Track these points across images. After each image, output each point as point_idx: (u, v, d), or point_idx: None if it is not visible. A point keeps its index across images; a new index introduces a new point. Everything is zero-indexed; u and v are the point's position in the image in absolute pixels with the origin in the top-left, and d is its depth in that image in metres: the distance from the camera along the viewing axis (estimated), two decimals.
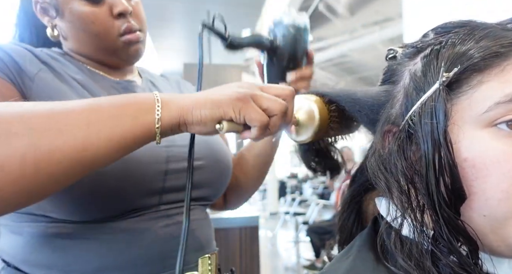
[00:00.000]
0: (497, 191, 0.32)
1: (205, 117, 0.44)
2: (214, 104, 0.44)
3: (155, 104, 0.43)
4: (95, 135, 0.40)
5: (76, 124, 0.39)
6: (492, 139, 0.33)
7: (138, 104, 0.43)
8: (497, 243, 0.34)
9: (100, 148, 0.40)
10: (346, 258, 0.41)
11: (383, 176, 0.38)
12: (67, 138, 0.38)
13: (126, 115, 0.42)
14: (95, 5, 0.60)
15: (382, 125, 0.41)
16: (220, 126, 0.45)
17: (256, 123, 0.45)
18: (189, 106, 0.44)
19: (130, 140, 0.42)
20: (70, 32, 0.63)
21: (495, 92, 0.33)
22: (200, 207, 0.67)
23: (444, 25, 0.40)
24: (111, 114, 0.41)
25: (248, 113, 0.44)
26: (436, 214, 0.33)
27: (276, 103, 0.46)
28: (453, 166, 0.33)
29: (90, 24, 0.61)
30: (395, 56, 0.43)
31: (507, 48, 0.34)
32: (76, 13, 0.60)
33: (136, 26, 0.65)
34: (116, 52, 0.65)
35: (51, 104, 0.41)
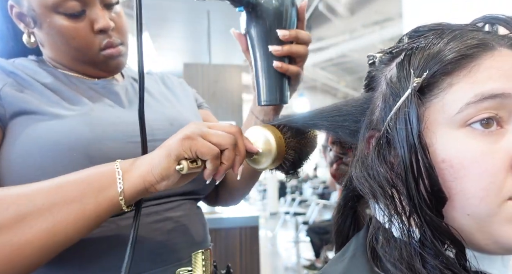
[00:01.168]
0: (477, 189, 0.33)
1: (164, 169, 0.46)
2: (165, 153, 0.46)
3: (116, 177, 0.46)
4: (61, 223, 0.43)
5: (41, 215, 0.42)
6: (467, 138, 0.34)
7: (99, 181, 0.46)
8: (484, 241, 0.34)
9: (68, 231, 0.44)
10: (341, 260, 0.41)
11: (367, 182, 0.38)
12: (35, 231, 0.42)
13: (88, 195, 0.45)
14: (76, 20, 0.58)
15: (364, 131, 0.41)
16: (180, 167, 0.46)
17: (207, 157, 0.47)
18: (148, 167, 0.46)
19: (96, 217, 0.45)
20: (48, 42, 0.62)
21: (465, 93, 0.34)
22: (190, 201, 0.67)
23: (417, 29, 0.40)
24: (73, 198, 0.44)
25: (197, 148, 0.46)
26: (419, 217, 0.34)
27: (225, 137, 0.48)
28: (430, 168, 0.33)
29: (71, 39, 0.59)
30: (374, 62, 0.44)
31: (474, 49, 0.35)
32: (56, 27, 0.58)
33: (118, 41, 0.63)
34: (96, 65, 0.64)
35: (14, 193, 0.44)
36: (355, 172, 0.40)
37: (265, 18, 0.56)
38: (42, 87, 0.58)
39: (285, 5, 0.56)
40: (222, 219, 2.13)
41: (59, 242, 0.44)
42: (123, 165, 0.47)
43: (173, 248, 0.60)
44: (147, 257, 0.57)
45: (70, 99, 0.59)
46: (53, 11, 0.57)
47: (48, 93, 0.58)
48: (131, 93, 0.69)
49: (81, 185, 0.45)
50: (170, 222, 0.61)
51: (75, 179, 0.46)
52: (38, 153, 0.52)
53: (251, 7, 0.56)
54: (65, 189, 0.44)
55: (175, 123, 0.65)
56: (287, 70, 0.58)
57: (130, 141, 0.58)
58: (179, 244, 0.61)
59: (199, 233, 0.66)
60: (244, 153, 0.52)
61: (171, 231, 0.60)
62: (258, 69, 0.59)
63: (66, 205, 0.44)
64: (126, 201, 0.46)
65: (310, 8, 5.41)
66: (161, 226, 0.60)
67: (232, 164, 0.50)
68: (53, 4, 0.56)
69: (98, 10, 0.60)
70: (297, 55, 0.59)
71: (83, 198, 0.44)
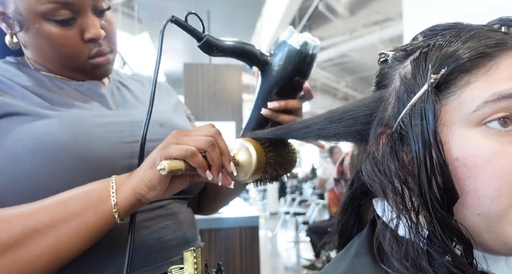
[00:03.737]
0: (490, 189, 0.33)
1: (149, 180, 0.48)
2: (148, 164, 0.48)
3: (110, 192, 0.48)
4: (65, 237, 0.46)
5: (47, 232, 0.45)
6: (482, 137, 0.34)
7: (98, 195, 0.48)
8: (492, 242, 0.34)
9: (72, 245, 0.46)
10: (344, 259, 0.41)
11: (377, 178, 0.38)
12: (43, 246, 0.44)
13: (89, 209, 0.47)
14: (66, 28, 0.56)
15: (375, 128, 0.41)
16: (161, 167, 0.46)
17: (184, 156, 0.47)
18: (137, 180, 0.48)
19: (96, 230, 0.48)
20: (34, 47, 0.60)
21: (482, 91, 0.34)
22: (180, 200, 0.67)
23: (432, 28, 0.40)
24: (76, 213, 0.46)
25: (173, 152, 0.47)
26: (430, 214, 0.34)
27: (201, 140, 0.49)
28: (444, 166, 0.33)
29: (60, 47, 0.58)
30: (386, 60, 0.44)
31: (493, 49, 0.35)
32: (45, 34, 0.56)
33: (107, 49, 0.62)
34: (83, 72, 0.63)
35: (18, 213, 0.46)
36: (365, 167, 0.40)
37: (269, 78, 0.62)
38: (23, 90, 0.56)
39: (288, 74, 0.61)
40: (222, 219, 2.13)
41: (64, 256, 0.46)
42: (117, 179, 0.50)
43: (164, 245, 0.60)
44: (139, 255, 0.57)
45: (54, 101, 0.57)
46: (43, 18, 0.55)
47: (29, 95, 0.56)
48: (117, 96, 0.68)
49: (82, 200, 0.47)
50: (161, 219, 0.61)
51: (75, 195, 0.48)
52: (27, 155, 0.50)
53: (261, 65, 0.63)
54: (67, 205, 0.47)
55: (164, 124, 0.65)
56: (271, 117, 0.64)
57: (121, 142, 0.57)
58: (170, 241, 0.61)
59: (190, 231, 0.66)
60: (228, 152, 0.52)
61: (162, 229, 0.61)
62: (253, 108, 0.67)
63: (70, 220, 0.46)
64: (120, 214, 0.48)
65: (310, 8, 5.41)
66: (152, 224, 0.60)
67: (220, 164, 0.51)
68: (43, 11, 0.54)
69: (89, 18, 0.58)
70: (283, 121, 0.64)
71: (85, 212, 0.47)
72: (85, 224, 0.46)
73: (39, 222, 0.45)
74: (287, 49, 0.60)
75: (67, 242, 0.46)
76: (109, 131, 0.57)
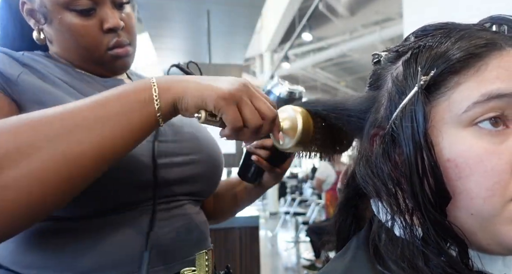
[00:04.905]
0: (482, 189, 0.33)
1: (189, 106, 0.47)
2: (200, 96, 0.46)
3: (153, 95, 0.46)
4: (109, 136, 0.44)
5: (90, 130, 0.43)
6: (473, 138, 0.34)
7: (139, 96, 0.46)
8: (487, 241, 0.34)
9: (116, 145, 0.44)
10: (342, 259, 0.41)
11: (370, 180, 0.38)
12: (87, 144, 0.42)
13: (132, 110, 0.45)
14: (86, 18, 0.59)
15: (368, 129, 0.41)
16: (199, 115, 0.47)
17: (229, 125, 0.48)
18: (180, 95, 0.47)
19: (139, 130, 0.46)
20: (57, 39, 0.62)
21: (472, 92, 0.34)
22: (193, 202, 0.67)
23: (424, 28, 0.40)
24: (118, 112, 0.45)
25: (226, 113, 0.47)
26: (423, 215, 0.34)
27: (255, 118, 0.49)
28: (436, 167, 0.33)
29: (80, 37, 0.60)
30: (379, 61, 0.44)
31: (482, 49, 0.35)
32: (66, 24, 0.59)
33: (126, 41, 0.64)
34: (102, 64, 0.64)
35: (55, 112, 0.43)
36: (359, 169, 0.40)
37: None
38: (57, 80, 0.58)
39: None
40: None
41: (108, 154, 0.44)
42: (159, 82, 0.48)
43: (178, 245, 0.60)
44: (153, 254, 0.57)
45: (85, 93, 0.58)
46: (65, 8, 0.58)
47: (64, 85, 0.57)
48: None
49: (123, 99, 0.46)
50: (176, 219, 0.62)
51: (115, 94, 0.46)
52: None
53: None
54: (108, 104, 0.45)
55: (175, 124, 0.66)
56: (257, 161, 0.71)
57: (148, 140, 0.58)
58: (184, 242, 0.61)
59: (202, 233, 0.67)
60: (260, 137, 0.53)
61: (176, 229, 0.61)
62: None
63: (113, 118, 0.44)
64: (163, 118, 0.47)
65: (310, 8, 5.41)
66: (167, 224, 0.60)
67: (246, 140, 0.52)
68: (64, 1, 0.57)
69: (108, 9, 0.60)
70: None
71: (128, 112, 0.45)
72: (129, 124, 0.45)
73: (80, 118, 0.43)
74: (273, 98, 0.64)
75: (111, 141, 0.44)
76: None
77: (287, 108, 0.55)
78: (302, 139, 0.53)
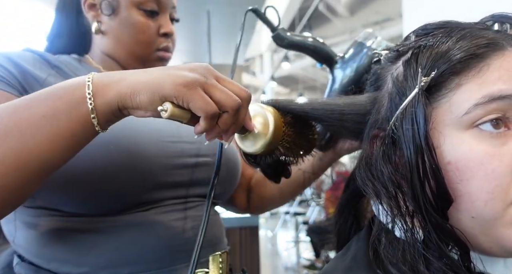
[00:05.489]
0: (483, 192, 0.32)
1: (145, 102, 0.40)
2: (153, 88, 0.39)
3: (85, 93, 0.40)
4: (31, 140, 0.39)
5: (8, 134, 0.38)
6: (474, 140, 0.33)
7: (69, 95, 0.40)
8: (488, 244, 0.34)
9: (41, 150, 0.39)
10: (343, 259, 0.41)
11: (371, 182, 0.38)
12: (3, 149, 0.38)
13: (59, 112, 0.39)
14: (150, 19, 0.67)
15: (369, 131, 0.41)
16: (163, 108, 0.39)
17: (201, 113, 0.40)
18: (127, 90, 0.40)
19: (71, 136, 0.40)
20: (114, 31, 0.68)
21: (473, 94, 0.33)
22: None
23: (424, 27, 0.40)
24: (44, 114, 0.39)
25: (192, 101, 0.39)
26: (424, 218, 0.33)
27: (230, 98, 0.41)
28: (437, 170, 0.33)
29: (139, 33, 0.67)
30: (379, 60, 0.43)
31: (483, 49, 0.34)
32: (131, 19, 0.66)
33: (171, 48, 0.73)
34: (145, 63, 0.70)
35: None
36: (358, 171, 0.40)
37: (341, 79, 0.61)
38: None
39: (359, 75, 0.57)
40: (222, 219, 2.13)
41: (34, 162, 0.39)
42: (96, 79, 0.41)
43: (191, 246, 0.60)
44: (168, 254, 0.58)
45: None
46: (136, 5, 0.66)
47: None
48: None
49: (51, 100, 0.40)
50: (190, 220, 0.62)
51: (44, 94, 0.41)
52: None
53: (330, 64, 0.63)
54: (33, 105, 0.40)
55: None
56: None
57: (163, 140, 0.60)
58: (194, 244, 0.61)
59: (217, 234, 0.67)
60: (241, 124, 0.46)
61: (190, 230, 0.62)
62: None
63: (36, 121, 0.39)
64: (99, 120, 0.41)
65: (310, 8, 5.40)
66: (181, 224, 0.61)
67: (226, 129, 0.44)
68: (139, 0, 0.66)
69: (167, 18, 0.70)
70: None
71: (55, 114, 0.39)
72: (56, 127, 0.39)
73: (8, 120, 0.39)
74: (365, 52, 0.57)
75: (35, 146, 0.39)
76: (153, 129, 0.61)
77: (255, 106, 0.50)
78: (273, 138, 0.48)
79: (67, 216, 0.55)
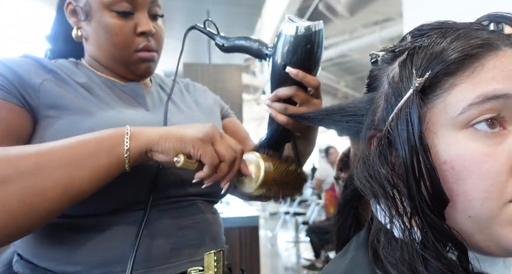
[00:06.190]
0: (479, 191, 0.32)
1: (168, 148, 0.51)
2: (178, 139, 0.51)
3: (124, 137, 0.50)
4: (77, 173, 0.48)
5: (61, 165, 0.47)
6: (469, 140, 0.34)
7: (111, 139, 0.50)
8: (485, 243, 0.34)
9: (82, 183, 0.48)
10: (342, 260, 0.41)
11: (368, 182, 0.38)
12: (55, 177, 0.46)
13: (101, 151, 0.49)
14: (123, 19, 0.65)
15: (366, 131, 0.41)
16: (177, 160, 0.51)
17: (208, 162, 0.53)
18: (156, 138, 0.51)
19: (106, 171, 0.50)
20: (92, 36, 0.68)
21: (467, 94, 0.33)
22: (205, 202, 0.68)
23: (420, 28, 0.40)
24: (89, 153, 0.49)
25: (204, 153, 0.52)
26: (421, 218, 0.33)
27: (229, 151, 0.55)
28: (432, 170, 0.33)
29: (114, 35, 0.65)
30: (377, 61, 0.43)
31: (477, 49, 0.34)
32: (104, 22, 0.65)
33: (154, 47, 0.69)
34: (128, 65, 0.69)
35: (36, 147, 0.48)
36: (356, 172, 0.40)
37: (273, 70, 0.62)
38: (76, 85, 0.63)
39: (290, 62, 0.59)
40: (222, 219, 2.13)
41: (74, 193, 0.48)
42: (133, 129, 0.52)
43: (187, 244, 0.62)
44: (162, 251, 0.59)
45: (100, 98, 0.63)
46: (107, 7, 0.64)
47: (80, 90, 0.62)
48: (156, 98, 0.73)
49: (97, 141, 0.50)
50: (185, 219, 0.63)
51: (93, 137, 0.50)
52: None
53: (263, 58, 0.66)
54: (83, 145, 0.49)
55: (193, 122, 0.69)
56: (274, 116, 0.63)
57: None
58: (193, 241, 0.63)
59: (213, 233, 0.68)
60: (236, 172, 0.58)
61: (186, 228, 0.63)
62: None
63: (83, 159, 0.48)
64: (130, 159, 0.51)
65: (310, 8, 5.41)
66: (177, 222, 0.62)
67: (223, 176, 0.56)
68: (108, 2, 0.64)
69: (144, 16, 0.67)
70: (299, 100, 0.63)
71: (99, 152, 0.49)
72: (98, 164, 0.49)
73: (54, 156, 0.47)
74: (283, 38, 0.57)
75: (79, 179, 0.48)
76: None
77: (253, 156, 0.63)
78: (265, 180, 0.60)
79: (61, 216, 0.55)
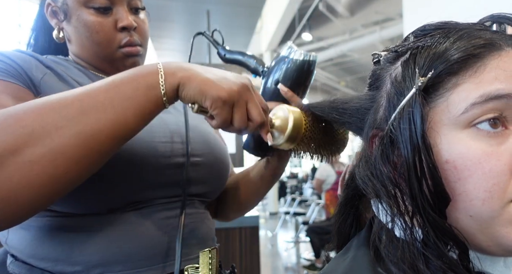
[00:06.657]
0: (480, 191, 0.33)
1: (188, 96, 0.49)
2: (201, 90, 0.49)
3: (159, 81, 0.49)
4: (122, 115, 0.46)
5: (105, 110, 0.45)
6: (471, 139, 0.34)
7: (147, 82, 0.48)
8: (486, 243, 0.34)
9: (128, 123, 0.47)
10: (343, 259, 0.41)
11: (370, 181, 0.38)
12: (103, 122, 0.45)
13: (140, 94, 0.48)
14: (102, 16, 0.63)
15: (367, 130, 0.41)
16: (192, 106, 0.50)
17: (218, 122, 0.51)
18: (185, 81, 0.49)
19: (148, 111, 0.49)
20: (74, 36, 0.66)
21: (470, 93, 0.34)
22: (198, 202, 0.69)
23: (423, 28, 0.40)
24: (129, 95, 0.47)
25: (219, 114, 0.49)
26: (422, 217, 0.34)
27: (261, 115, 0.52)
28: (434, 169, 0.33)
29: (94, 33, 0.63)
30: (379, 61, 0.43)
31: (480, 49, 0.34)
32: (83, 20, 0.63)
33: (137, 41, 0.67)
34: (113, 62, 0.67)
35: (72, 93, 0.46)
36: (358, 171, 0.40)
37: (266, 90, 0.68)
38: (73, 82, 0.61)
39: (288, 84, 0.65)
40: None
41: (122, 133, 0.47)
42: (165, 68, 0.50)
43: (183, 243, 0.61)
44: (159, 252, 0.59)
45: None
46: (83, 5, 0.62)
47: (77, 86, 0.60)
48: None
49: (132, 83, 0.48)
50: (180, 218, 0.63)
51: (126, 78, 0.49)
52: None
53: (258, 75, 0.71)
54: (121, 88, 0.47)
55: (195, 131, 0.69)
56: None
57: (154, 140, 0.61)
58: (189, 239, 0.63)
59: (207, 232, 0.68)
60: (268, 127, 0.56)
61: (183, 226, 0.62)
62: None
63: (124, 100, 0.47)
64: (168, 101, 0.49)
65: (310, 8, 5.41)
66: (172, 222, 0.62)
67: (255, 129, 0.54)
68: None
69: (123, 11, 0.65)
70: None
71: (138, 94, 0.48)
72: (137, 105, 0.48)
73: (96, 100, 0.46)
74: (283, 60, 0.65)
75: (123, 121, 0.47)
76: (143, 129, 0.62)
77: (282, 107, 0.59)
78: (292, 136, 0.56)
79: (59, 216, 0.56)
